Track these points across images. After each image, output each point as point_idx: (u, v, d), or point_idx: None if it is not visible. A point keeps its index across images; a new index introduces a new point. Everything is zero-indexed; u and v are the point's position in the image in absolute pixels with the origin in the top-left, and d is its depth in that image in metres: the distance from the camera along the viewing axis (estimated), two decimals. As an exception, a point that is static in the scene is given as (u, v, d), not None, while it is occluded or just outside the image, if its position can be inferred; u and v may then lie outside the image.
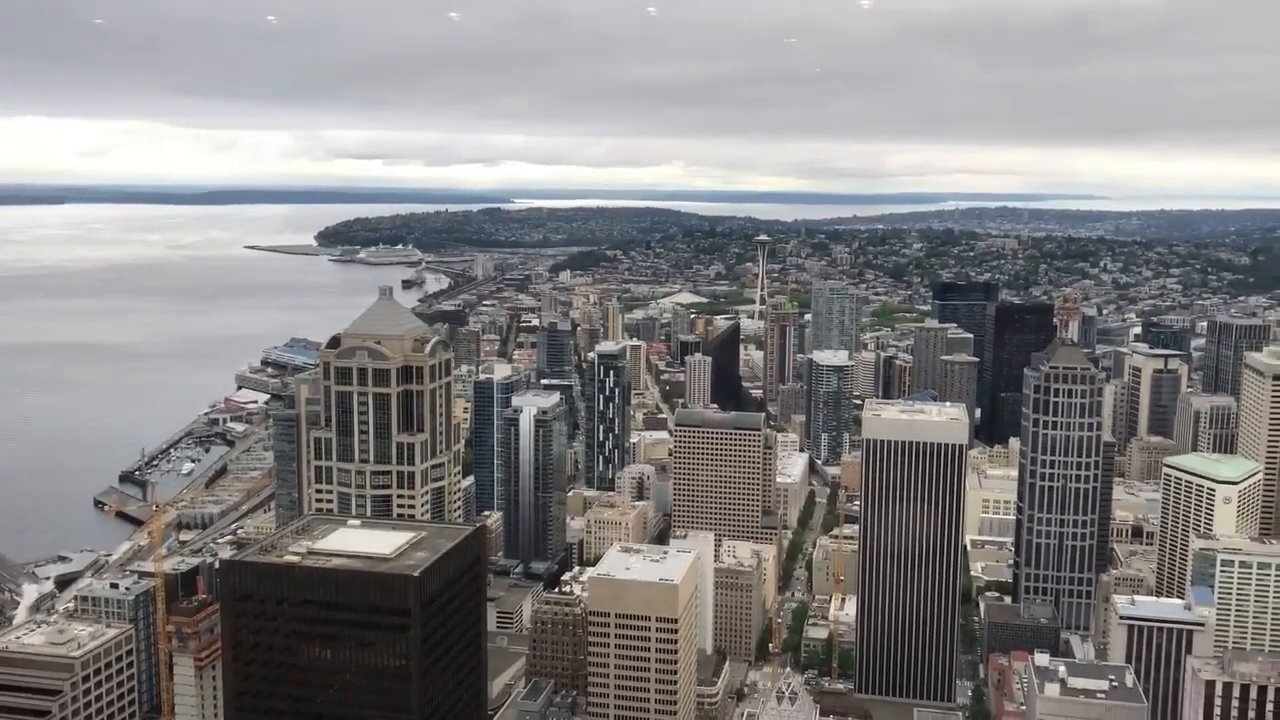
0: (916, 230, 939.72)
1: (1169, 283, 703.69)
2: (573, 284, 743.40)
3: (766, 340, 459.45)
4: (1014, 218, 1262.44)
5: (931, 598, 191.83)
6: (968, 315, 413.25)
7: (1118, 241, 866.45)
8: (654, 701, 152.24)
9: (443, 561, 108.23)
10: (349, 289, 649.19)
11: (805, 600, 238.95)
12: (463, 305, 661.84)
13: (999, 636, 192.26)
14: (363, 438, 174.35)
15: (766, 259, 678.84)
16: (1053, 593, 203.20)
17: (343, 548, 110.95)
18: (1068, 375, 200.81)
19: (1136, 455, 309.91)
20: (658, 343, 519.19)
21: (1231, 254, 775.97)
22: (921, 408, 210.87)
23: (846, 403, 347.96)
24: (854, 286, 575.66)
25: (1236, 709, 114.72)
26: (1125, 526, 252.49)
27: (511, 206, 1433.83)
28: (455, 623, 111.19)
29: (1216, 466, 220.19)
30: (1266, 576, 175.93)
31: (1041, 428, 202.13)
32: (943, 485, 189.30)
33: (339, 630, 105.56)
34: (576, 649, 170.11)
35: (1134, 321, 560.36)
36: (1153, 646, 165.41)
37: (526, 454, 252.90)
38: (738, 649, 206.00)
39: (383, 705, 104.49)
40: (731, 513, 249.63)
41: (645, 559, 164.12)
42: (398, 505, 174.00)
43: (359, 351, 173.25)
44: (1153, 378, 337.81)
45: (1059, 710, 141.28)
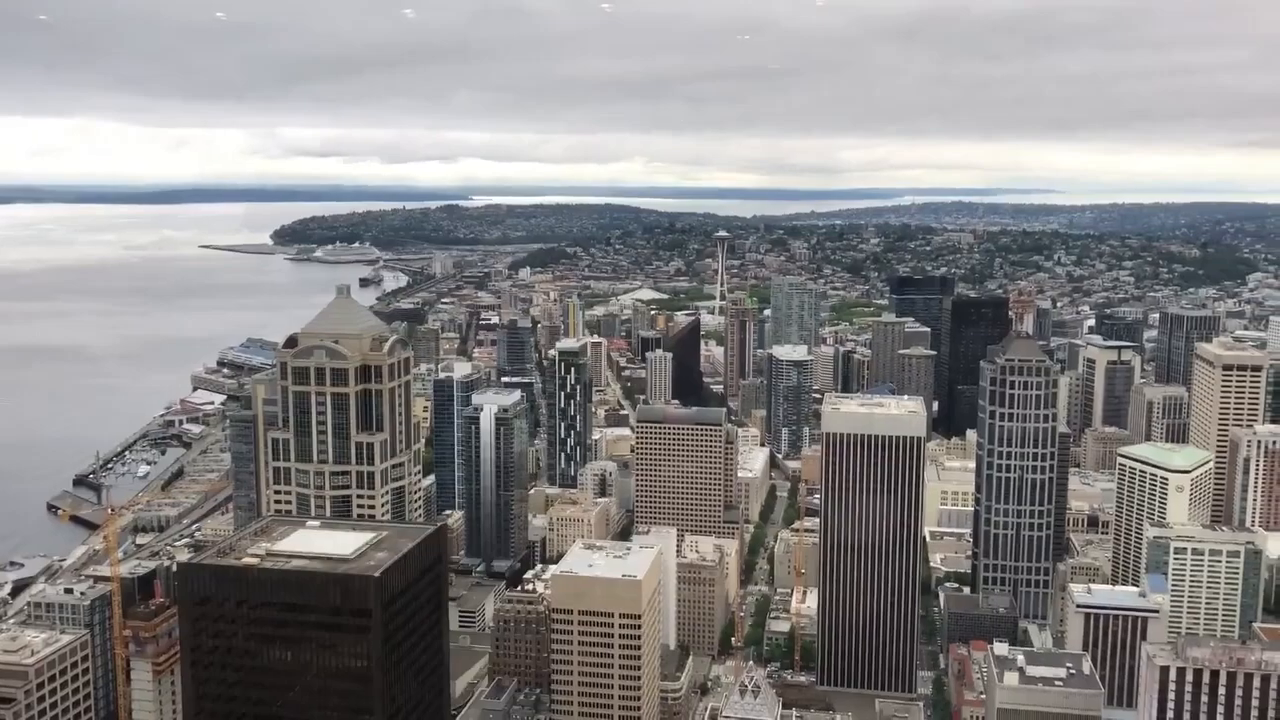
0: (873, 225, 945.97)
1: (1121, 275, 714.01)
2: (533, 281, 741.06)
3: (727, 336, 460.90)
4: (969, 212, 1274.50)
5: (892, 589, 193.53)
6: (925, 309, 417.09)
7: (1071, 235, 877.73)
8: (618, 698, 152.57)
9: (404, 562, 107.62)
10: (306, 288, 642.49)
11: (767, 594, 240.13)
12: (421, 303, 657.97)
13: (958, 626, 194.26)
14: (321, 438, 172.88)
15: (726, 255, 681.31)
16: (1011, 582, 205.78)
17: (302, 549, 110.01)
18: (1023, 368, 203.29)
19: (1091, 446, 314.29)
20: (618, 339, 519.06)
21: (1182, 246, 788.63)
22: (880, 401, 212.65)
23: (806, 397, 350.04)
24: (812, 282, 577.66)
25: (1190, 693, 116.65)
26: (1081, 516, 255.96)
27: (470, 203, 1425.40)
28: (417, 623, 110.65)
29: (1169, 456, 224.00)
30: (1218, 563, 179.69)
31: (998, 420, 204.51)
32: (901, 477, 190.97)
33: (299, 632, 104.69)
34: (540, 647, 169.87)
35: (1088, 314, 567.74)
36: (1109, 634, 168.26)
37: (487, 452, 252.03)
38: (701, 644, 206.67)
39: (344, 707, 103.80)
40: (694, 508, 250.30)
41: (608, 555, 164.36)
42: (357, 506, 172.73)
43: (316, 351, 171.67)
44: (1106, 369, 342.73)
45: (1018, 698, 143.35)
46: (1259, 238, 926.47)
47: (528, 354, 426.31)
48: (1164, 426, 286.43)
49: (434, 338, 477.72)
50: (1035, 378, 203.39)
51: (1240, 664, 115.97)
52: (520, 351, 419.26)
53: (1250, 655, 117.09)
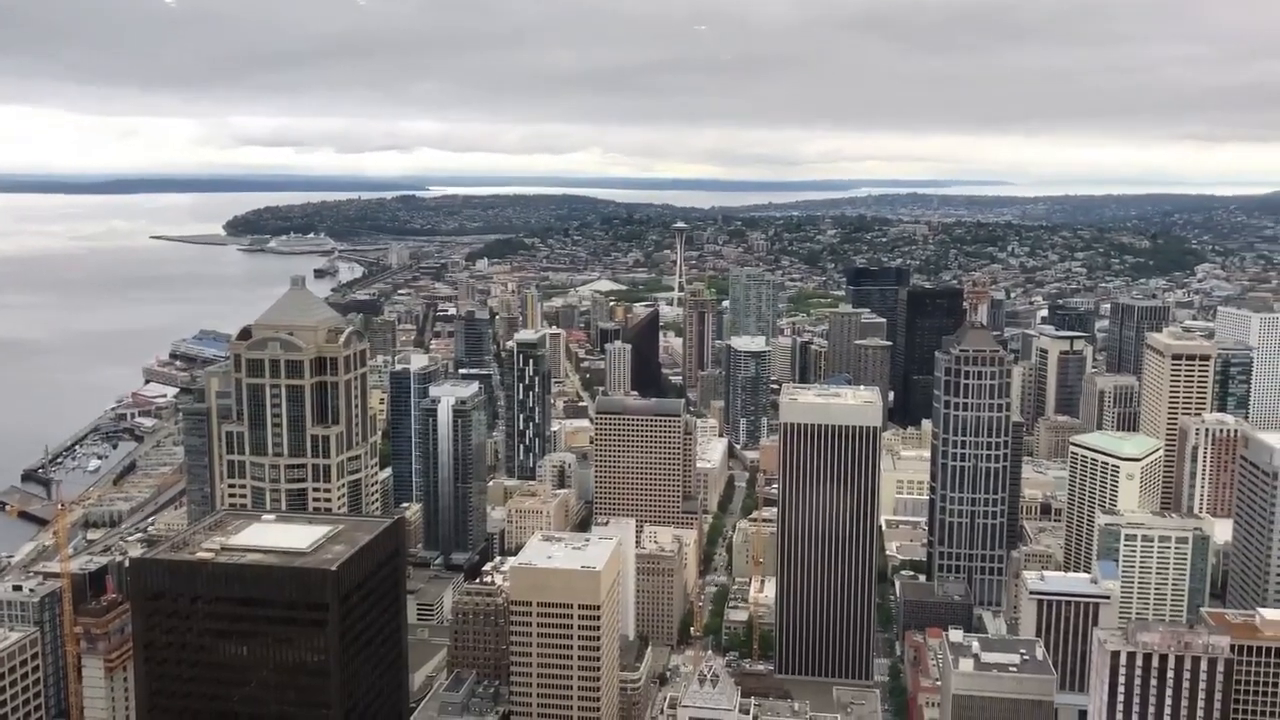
0: (830, 217, 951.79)
1: (1074, 266, 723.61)
2: (490, 272, 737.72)
3: (685, 327, 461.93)
4: (924, 204, 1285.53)
5: (848, 578, 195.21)
6: (881, 300, 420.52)
7: (1024, 226, 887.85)
8: (577, 689, 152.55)
9: (361, 555, 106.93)
10: (259, 279, 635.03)
11: (726, 583, 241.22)
12: (377, 294, 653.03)
13: (914, 614, 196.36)
14: (276, 431, 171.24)
15: (684, 246, 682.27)
16: (965, 570, 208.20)
17: (257, 543, 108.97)
18: (977, 358, 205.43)
19: (1044, 434, 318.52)
20: (577, 330, 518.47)
21: (1133, 238, 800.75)
22: (837, 391, 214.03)
23: (764, 388, 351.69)
24: (770, 273, 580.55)
25: (1140, 677, 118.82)
26: (1034, 504, 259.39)
27: (426, 194, 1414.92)
28: (375, 616, 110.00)
29: (1120, 444, 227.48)
30: (1167, 549, 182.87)
31: (952, 409, 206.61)
32: (858, 467, 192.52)
33: (255, 627, 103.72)
34: (499, 639, 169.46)
35: (1041, 304, 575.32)
36: (1061, 620, 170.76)
37: (445, 444, 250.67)
38: (660, 634, 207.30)
39: (302, 701, 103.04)
40: (652, 499, 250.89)
41: (567, 547, 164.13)
42: (313, 499, 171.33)
43: (271, 343, 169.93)
44: (1059, 359, 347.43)
45: (973, 684, 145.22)
46: (1206, 229, 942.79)
47: (486, 345, 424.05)
48: (1115, 415, 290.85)
49: (390, 329, 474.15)
50: (989, 368, 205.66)
51: (1188, 648, 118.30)
52: (478, 343, 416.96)
53: (1198, 639, 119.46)
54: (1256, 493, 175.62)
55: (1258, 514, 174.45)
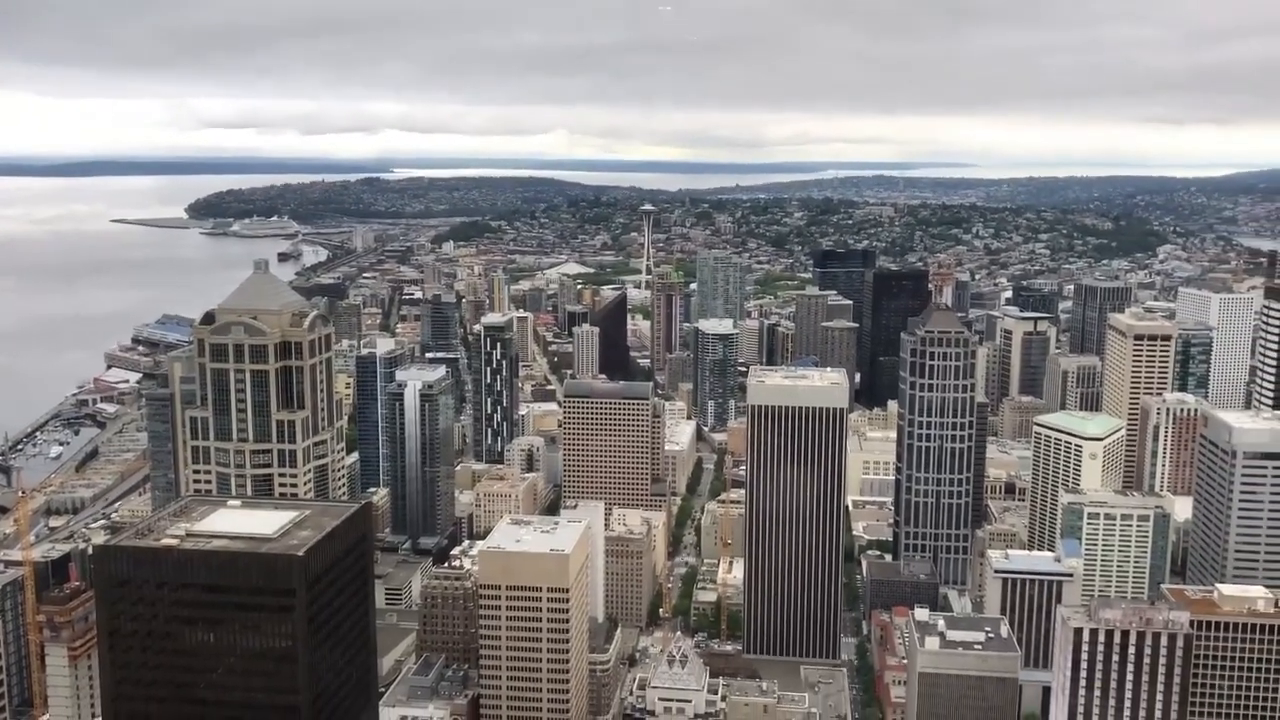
0: (797, 199, 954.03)
1: (1037, 248, 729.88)
2: (456, 255, 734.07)
3: (653, 310, 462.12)
4: (890, 186, 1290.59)
5: (816, 558, 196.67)
6: (847, 282, 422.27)
7: (989, 208, 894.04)
8: (546, 671, 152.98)
9: (328, 540, 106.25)
10: (222, 263, 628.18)
11: (694, 565, 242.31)
12: (342, 278, 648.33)
13: (880, 593, 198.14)
14: (241, 416, 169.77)
15: (651, 229, 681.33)
16: (931, 549, 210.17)
17: (223, 529, 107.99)
18: (942, 339, 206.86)
19: (1008, 415, 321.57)
20: (545, 314, 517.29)
21: (1096, 219, 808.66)
22: (804, 373, 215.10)
23: (732, 370, 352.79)
24: (737, 255, 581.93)
25: (1102, 653, 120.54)
26: (998, 483, 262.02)
27: (391, 176, 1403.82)
28: (342, 601, 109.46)
29: (1083, 424, 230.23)
30: (1129, 527, 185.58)
31: (918, 390, 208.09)
32: (825, 448, 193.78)
33: (222, 613, 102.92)
34: (467, 622, 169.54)
35: (1005, 286, 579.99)
36: (1025, 598, 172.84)
37: (412, 429, 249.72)
38: (629, 616, 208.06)
39: (269, 687, 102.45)
40: (621, 481, 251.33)
41: (536, 530, 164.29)
42: (279, 484, 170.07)
43: (235, 327, 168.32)
44: (1023, 340, 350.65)
45: (939, 662, 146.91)
46: (1168, 211, 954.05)
47: (452, 329, 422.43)
48: (1078, 395, 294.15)
49: (356, 313, 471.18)
50: (954, 349, 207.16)
51: (1149, 624, 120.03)
52: (444, 327, 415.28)
53: (1158, 615, 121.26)
54: (1216, 471, 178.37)
55: (1217, 492, 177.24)
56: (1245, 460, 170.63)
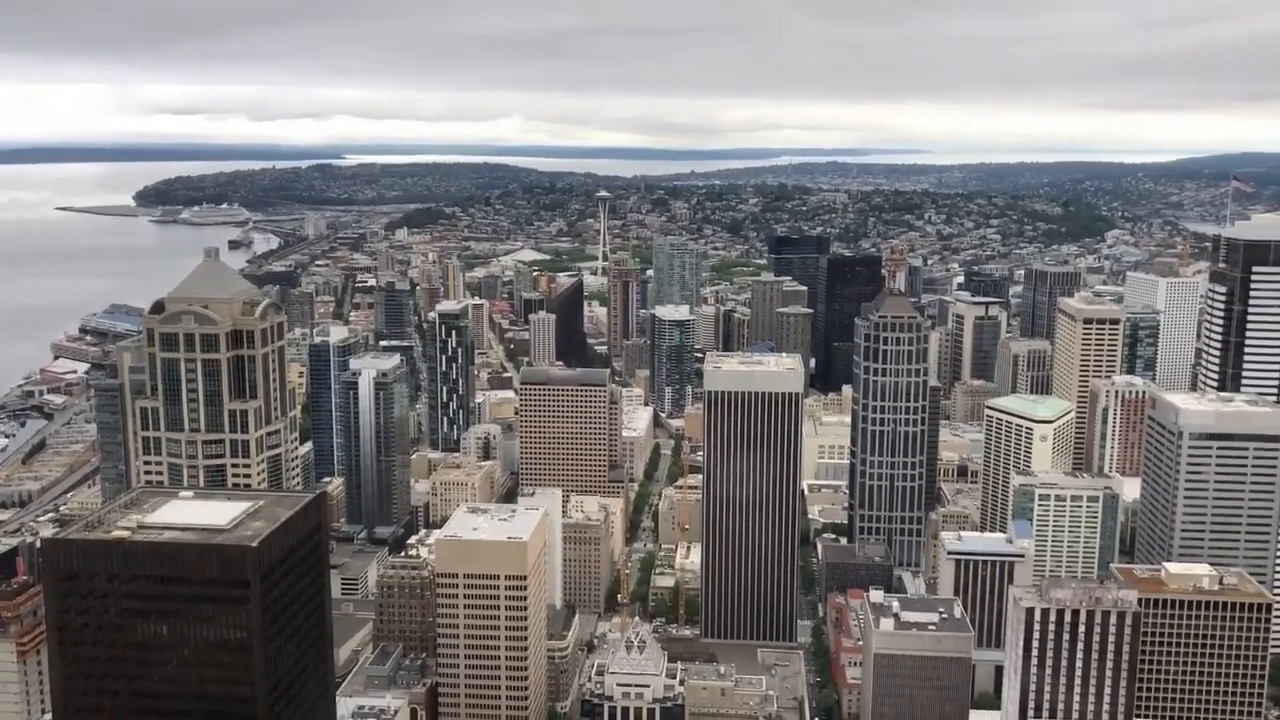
0: (752, 186, 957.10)
1: (988, 233, 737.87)
2: (410, 242, 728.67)
3: (610, 296, 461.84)
4: (844, 172, 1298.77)
5: (772, 542, 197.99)
6: (802, 268, 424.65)
7: (941, 194, 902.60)
8: (505, 659, 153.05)
9: (282, 530, 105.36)
10: (172, 251, 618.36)
11: (652, 550, 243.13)
12: (294, 266, 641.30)
13: (836, 576, 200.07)
14: (192, 406, 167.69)
15: (608, 215, 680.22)
16: (885, 532, 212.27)
17: (175, 520, 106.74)
18: (896, 324, 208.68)
19: (960, 398, 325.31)
20: (500, 301, 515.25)
21: (1045, 205, 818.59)
22: (759, 359, 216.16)
23: (688, 356, 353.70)
24: (693, 242, 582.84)
25: (1053, 632, 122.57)
26: (951, 466, 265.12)
27: (343, 162, 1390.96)
28: (297, 592, 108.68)
29: (1033, 407, 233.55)
30: (1079, 508, 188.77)
31: (872, 375, 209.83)
32: (781, 433, 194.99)
33: (174, 606, 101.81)
34: (425, 611, 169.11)
35: (957, 271, 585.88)
36: (978, 578, 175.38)
37: (367, 418, 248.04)
38: (587, 602, 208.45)
39: (224, 679, 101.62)
40: (579, 468, 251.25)
41: (493, 518, 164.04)
42: (232, 475, 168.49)
43: (185, 316, 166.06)
44: (974, 324, 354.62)
45: (894, 644, 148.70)
46: (1116, 196, 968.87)
47: (407, 317, 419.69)
48: (1029, 379, 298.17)
49: (308, 301, 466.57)
50: (907, 334, 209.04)
51: (1099, 603, 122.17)
52: (399, 314, 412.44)
53: (1108, 594, 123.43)
54: (1163, 452, 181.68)
55: (1164, 472, 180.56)
56: (1191, 441, 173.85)
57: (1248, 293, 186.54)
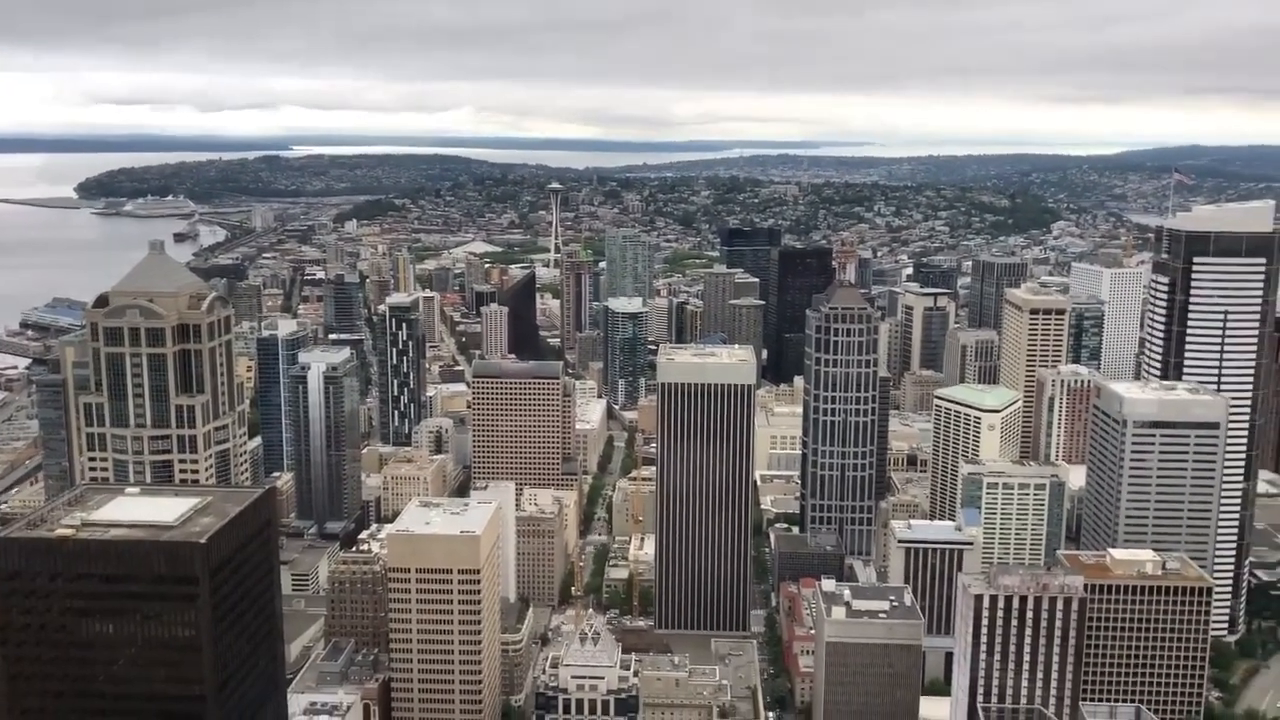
0: (704, 178, 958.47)
1: (937, 225, 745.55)
2: (360, 234, 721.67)
3: (562, 289, 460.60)
4: (794, 165, 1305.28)
5: (725, 533, 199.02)
6: (754, 260, 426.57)
7: (890, 186, 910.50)
8: (458, 653, 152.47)
9: (231, 526, 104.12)
10: (116, 244, 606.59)
11: (606, 542, 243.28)
12: (241, 258, 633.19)
13: (788, 565, 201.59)
14: (138, 401, 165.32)
15: (559, 207, 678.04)
16: (837, 521, 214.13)
17: (121, 517, 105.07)
18: (846, 315, 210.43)
19: (910, 388, 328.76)
20: (452, 293, 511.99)
21: (993, 197, 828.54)
22: (712, 351, 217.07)
23: (642, 348, 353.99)
24: (646, 234, 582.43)
25: (1001, 618, 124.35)
26: (901, 456, 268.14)
27: (291, 154, 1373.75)
28: (247, 588, 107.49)
29: (981, 396, 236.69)
30: (1026, 496, 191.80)
31: (823, 366, 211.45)
32: (733, 424, 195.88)
33: (121, 604, 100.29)
34: (377, 606, 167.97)
35: (906, 262, 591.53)
36: (928, 566, 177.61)
37: (316, 412, 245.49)
38: (541, 595, 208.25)
39: (173, 678, 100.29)
40: (532, 461, 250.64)
41: (445, 512, 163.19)
42: (180, 470, 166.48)
43: (130, 310, 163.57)
44: (924, 315, 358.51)
45: (846, 631, 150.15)
46: (1062, 188, 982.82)
47: (356, 310, 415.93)
48: (977, 369, 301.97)
49: (256, 294, 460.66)
50: (857, 325, 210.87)
51: (1046, 589, 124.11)
52: (348, 307, 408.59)
53: (1054, 580, 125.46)
54: (1108, 440, 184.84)
55: (1109, 460, 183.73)
56: (1135, 429, 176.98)
57: (1189, 283, 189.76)
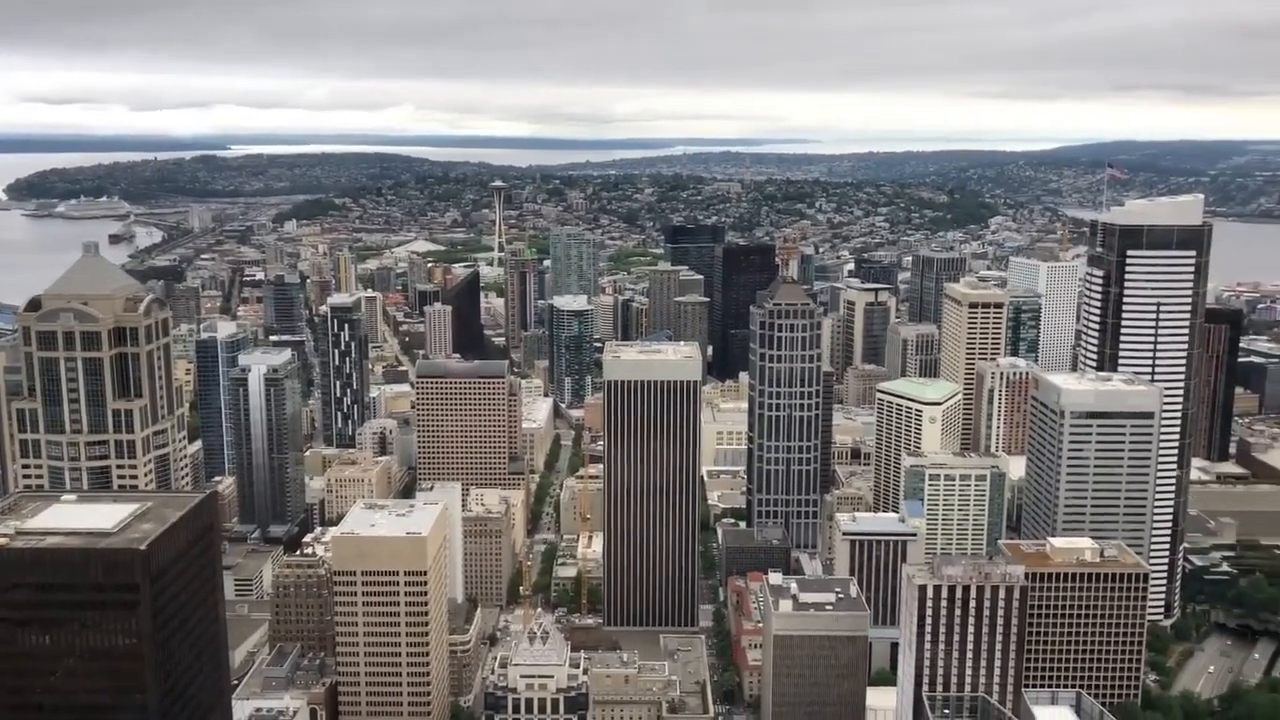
0: (647, 175, 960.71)
1: (877, 221, 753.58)
2: (299, 234, 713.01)
3: (507, 287, 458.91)
4: (737, 162, 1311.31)
5: (673, 529, 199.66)
6: (698, 257, 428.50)
7: (831, 183, 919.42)
8: (406, 655, 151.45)
9: (171, 532, 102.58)
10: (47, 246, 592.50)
11: (554, 541, 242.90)
12: (179, 260, 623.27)
13: (736, 560, 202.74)
14: (74, 407, 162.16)
15: (503, 205, 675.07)
16: (783, 515, 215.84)
17: (57, 525, 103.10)
18: (790, 311, 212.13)
19: (853, 382, 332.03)
20: (394, 293, 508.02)
21: (931, 193, 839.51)
22: (658, 348, 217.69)
23: (588, 346, 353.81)
24: (590, 232, 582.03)
25: (945, 608, 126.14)
26: (845, 449, 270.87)
27: (228, 153, 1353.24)
28: (189, 595, 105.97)
29: (922, 389, 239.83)
30: (967, 487, 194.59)
31: (768, 361, 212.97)
32: (680, 421, 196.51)
33: (58, 614, 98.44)
34: (322, 610, 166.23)
35: (847, 258, 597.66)
36: (873, 558, 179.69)
37: (257, 415, 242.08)
38: (489, 595, 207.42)
39: (114, 688, 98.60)
40: (478, 461, 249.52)
41: (391, 514, 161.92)
42: (118, 476, 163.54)
43: (63, 314, 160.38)
44: (865, 310, 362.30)
45: (792, 624, 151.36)
46: (999, 183, 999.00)
47: (297, 311, 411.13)
48: (918, 362, 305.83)
49: (194, 296, 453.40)
50: (801, 320, 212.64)
51: (988, 578, 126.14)
52: (289, 308, 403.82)
53: (996, 570, 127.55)
54: (1046, 431, 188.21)
55: (1047, 450, 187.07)
56: (1072, 420, 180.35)
57: (1123, 275, 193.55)
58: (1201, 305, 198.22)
